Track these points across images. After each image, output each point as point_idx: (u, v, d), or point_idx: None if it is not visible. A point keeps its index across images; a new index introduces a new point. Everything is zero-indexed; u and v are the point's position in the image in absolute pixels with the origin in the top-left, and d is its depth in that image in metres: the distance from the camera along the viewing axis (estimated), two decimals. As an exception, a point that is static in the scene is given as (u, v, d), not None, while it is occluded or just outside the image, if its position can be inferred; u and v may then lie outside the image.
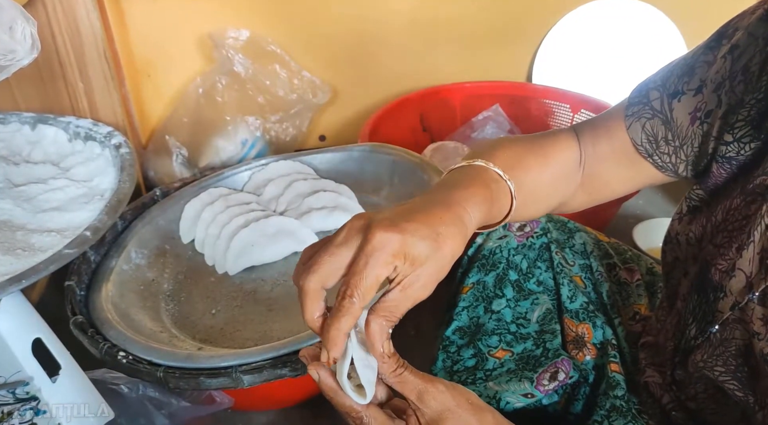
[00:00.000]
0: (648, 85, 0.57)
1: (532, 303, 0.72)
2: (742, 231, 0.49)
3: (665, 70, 0.57)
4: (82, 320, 0.82)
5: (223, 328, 0.90)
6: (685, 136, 0.54)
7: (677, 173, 0.58)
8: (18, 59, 0.63)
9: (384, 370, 0.44)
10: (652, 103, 0.56)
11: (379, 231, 0.41)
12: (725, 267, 0.49)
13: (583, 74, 1.62)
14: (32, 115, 1.14)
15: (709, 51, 0.53)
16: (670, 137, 0.55)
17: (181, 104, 1.45)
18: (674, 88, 0.55)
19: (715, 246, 0.52)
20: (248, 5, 1.43)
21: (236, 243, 1.00)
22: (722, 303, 0.49)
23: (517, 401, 0.62)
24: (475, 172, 0.52)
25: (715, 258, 0.51)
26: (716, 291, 0.50)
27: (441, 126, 1.57)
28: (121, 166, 1.01)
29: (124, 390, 0.74)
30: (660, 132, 0.56)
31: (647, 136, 0.56)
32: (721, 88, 0.51)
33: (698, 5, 1.56)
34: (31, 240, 0.88)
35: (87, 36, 1.14)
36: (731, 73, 0.50)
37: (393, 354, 0.44)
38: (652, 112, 0.56)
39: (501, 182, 0.53)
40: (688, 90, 0.54)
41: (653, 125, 0.56)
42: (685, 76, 0.54)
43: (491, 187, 0.51)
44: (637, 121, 0.57)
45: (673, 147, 0.56)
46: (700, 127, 0.53)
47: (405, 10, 1.51)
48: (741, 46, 0.50)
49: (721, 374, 0.50)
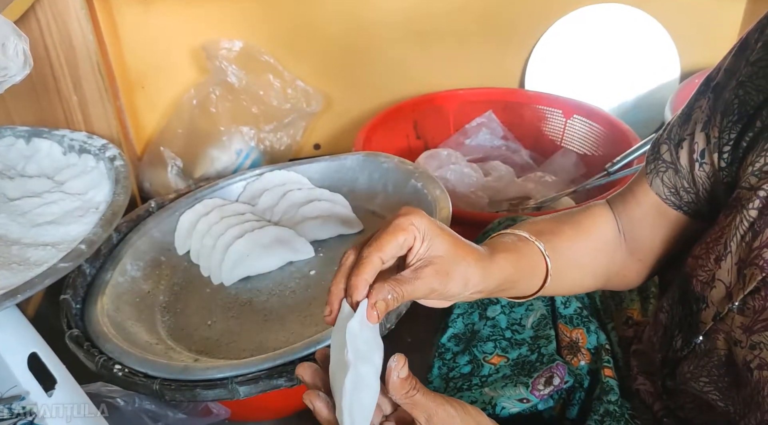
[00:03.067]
0: (658, 141, 0.59)
1: (526, 310, 0.73)
2: (718, 242, 0.50)
3: (671, 122, 0.59)
4: (78, 333, 0.82)
5: (219, 339, 0.90)
6: (695, 181, 0.56)
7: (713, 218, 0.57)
8: (11, 76, 0.64)
9: (397, 393, 0.44)
10: (663, 156, 0.58)
11: (407, 209, 0.47)
12: (705, 278, 0.50)
13: (576, 80, 1.63)
14: (26, 129, 1.14)
15: (700, 96, 0.55)
16: (686, 185, 0.56)
17: (175, 115, 1.45)
18: (678, 137, 0.56)
19: (694, 257, 0.53)
20: (240, 16, 1.44)
21: (231, 254, 1.00)
22: (705, 313, 0.50)
23: (512, 406, 0.63)
24: (499, 237, 0.56)
25: (695, 269, 0.52)
26: (699, 302, 0.51)
27: (435, 133, 1.57)
28: (115, 179, 1.02)
29: (120, 404, 0.74)
30: (677, 182, 0.57)
31: (668, 188, 0.57)
32: (707, 126, 0.53)
33: (689, 11, 1.57)
34: (26, 255, 0.88)
35: (80, 49, 1.14)
36: (713, 108, 0.52)
37: (407, 377, 0.44)
38: (665, 165, 0.57)
39: (529, 243, 0.55)
40: (687, 135, 0.55)
41: (669, 177, 0.57)
42: (684, 123, 0.56)
43: (517, 244, 0.54)
44: (656, 176, 0.58)
45: (692, 194, 0.56)
46: (701, 169, 0.54)
47: (398, 19, 1.52)
48: (721, 83, 0.53)
49: (705, 384, 0.51)
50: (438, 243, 0.47)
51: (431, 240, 0.47)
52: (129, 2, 1.36)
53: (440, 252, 0.47)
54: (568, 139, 1.54)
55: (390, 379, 0.43)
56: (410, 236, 0.46)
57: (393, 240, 0.45)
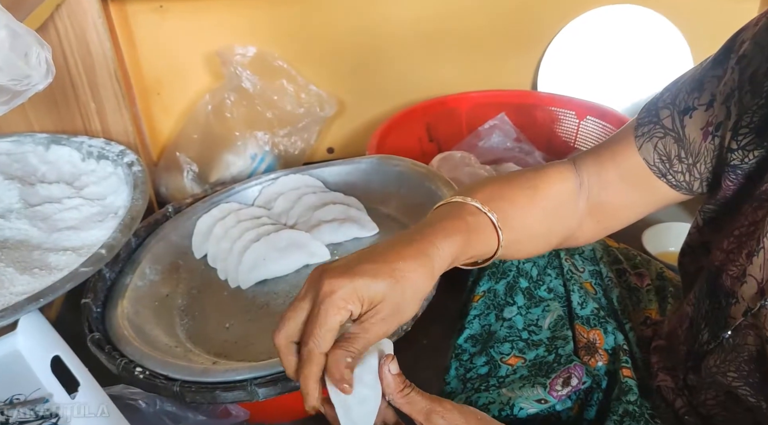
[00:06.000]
0: (657, 104, 0.57)
1: (543, 310, 0.73)
2: (750, 238, 0.49)
3: (672, 88, 0.57)
4: (99, 337, 0.83)
5: (237, 342, 0.91)
6: (698, 152, 0.54)
7: (692, 191, 0.57)
8: (33, 84, 0.65)
9: (390, 390, 0.45)
10: (663, 121, 0.56)
11: (329, 279, 0.44)
12: (736, 274, 0.50)
13: (588, 81, 1.62)
14: (46, 136, 1.16)
15: (717, 65, 0.53)
16: (683, 155, 0.55)
17: (190, 121, 1.47)
18: (685, 105, 0.54)
19: (723, 251, 0.52)
20: (254, 22, 1.45)
21: (248, 257, 1.01)
22: (734, 308, 0.49)
23: (530, 407, 0.63)
24: (451, 208, 0.53)
25: (725, 264, 0.51)
26: (728, 297, 0.50)
27: (448, 136, 1.58)
28: (133, 184, 1.03)
29: (142, 406, 0.75)
30: (673, 150, 0.55)
31: (659, 155, 0.56)
32: (730, 100, 0.51)
33: (703, 12, 1.57)
34: (47, 260, 0.90)
35: (98, 57, 1.16)
36: (739, 83, 0.50)
37: (398, 374, 0.45)
38: (663, 131, 0.55)
39: (480, 214, 0.53)
40: (699, 105, 0.53)
41: (665, 144, 0.55)
42: (695, 91, 0.54)
43: (467, 219, 0.52)
44: (648, 141, 0.56)
45: (686, 164, 0.55)
46: (711, 142, 0.53)
47: (409, 22, 1.52)
48: (748, 56, 0.50)
49: (734, 380, 0.50)
50: (374, 289, 0.44)
51: (367, 295, 0.44)
52: (145, 10, 1.38)
53: (380, 296, 0.45)
54: (581, 141, 1.54)
55: (383, 376, 0.44)
56: (345, 315, 0.44)
57: (330, 331, 0.43)
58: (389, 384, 0.45)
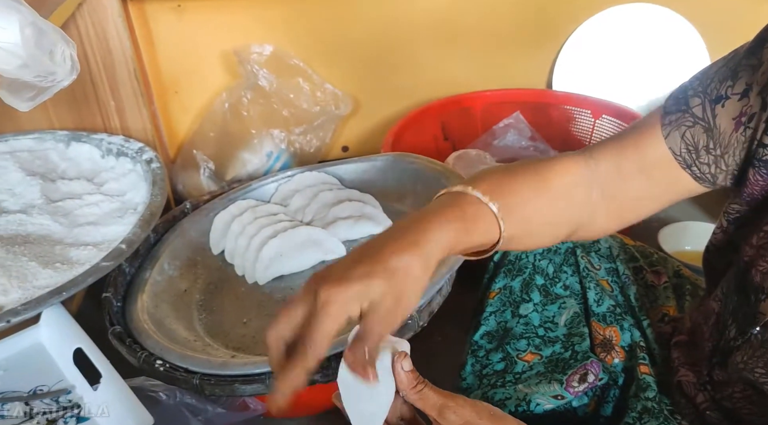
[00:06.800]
0: (686, 92, 0.55)
1: (559, 307, 0.73)
2: None
3: (702, 76, 0.54)
4: (120, 330, 0.85)
5: (254, 336, 0.92)
6: (727, 143, 0.52)
7: (714, 183, 0.55)
8: (58, 81, 0.66)
9: (404, 387, 0.46)
10: (693, 109, 0.53)
11: (325, 287, 0.44)
12: (766, 269, 0.49)
13: (604, 80, 1.62)
14: (66, 133, 1.18)
15: (751, 55, 0.51)
16: (712, 145, 0.53)
17: (207, 119, 1.48)
18: (717, 94, 0.52)
19: (753, 247, 0.51)
20: (271, 21, 1.46)
21: (265, 254, 1.02)
22: (764, 304, 0.49)
23: (547, 402, 0.63)
24: (450, 197, 0.52)
25: (755, 259, 0.50)
26: (757, 292, 0.50)
27: (462, 134, 1.58)
28: (152, 181, 1.05)
29: (162, 398, 0.76)
30: (701, 140, 0.53)
31: (686, 145, 0.54)
32: (766, 90, 0.49)
33: (720, 10, 1.56)
34: (69, 254, 0.91)
35: (118, 56, 1.17)
36: None
37: (411, 371, 0.46)
38: (693, 120, 0.53)
39: (480, 204, 0.51)
40: (733, 94, 0.51)
41: (694, 133, 0.53)
42: (728, 80, 0.52)
43: (465, 209, 0.50)
44: (676, 129, 0.54)
45: (713, 156, 0.53)
46: (743, 134, 0.51)
47: (424, 22, 1.53)
48: None
49: (762, 375, 0.49)
50: (371, 292, 0.44)
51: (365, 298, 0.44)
52: (163, 10, 1.39)
53: (379, 296, 0.44)
54: (597, 139, 1.53)
55: (396, 373, 0.45)
56: (344, 322, 0.44)
57: (326, 339, 0.43)
58: (402, 380, 0.46)
